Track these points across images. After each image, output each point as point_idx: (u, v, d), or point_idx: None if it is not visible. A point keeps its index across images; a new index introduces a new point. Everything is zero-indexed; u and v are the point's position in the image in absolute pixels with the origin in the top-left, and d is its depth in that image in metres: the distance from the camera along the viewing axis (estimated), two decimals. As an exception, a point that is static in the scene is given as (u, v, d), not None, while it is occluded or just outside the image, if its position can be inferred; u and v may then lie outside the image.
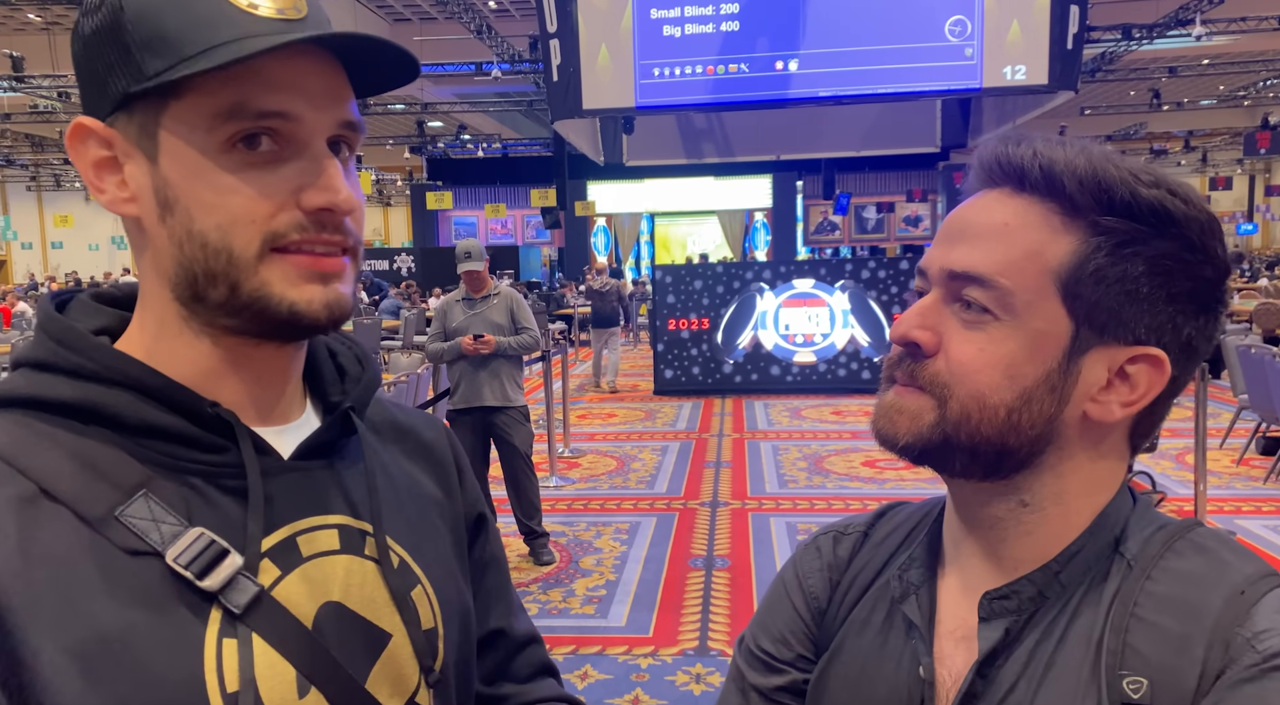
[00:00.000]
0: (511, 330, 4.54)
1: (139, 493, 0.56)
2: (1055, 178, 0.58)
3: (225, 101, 0.55)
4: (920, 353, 0.61)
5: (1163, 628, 0.56)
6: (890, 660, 0.66)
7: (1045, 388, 0.59)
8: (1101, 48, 12.98)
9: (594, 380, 10.25)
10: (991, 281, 0.59)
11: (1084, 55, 9.26)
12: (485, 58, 13.47)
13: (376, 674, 0.61)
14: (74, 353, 0.58)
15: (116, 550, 0.54)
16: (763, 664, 0.73)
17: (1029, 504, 0.62)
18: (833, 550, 0.75)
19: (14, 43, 13.63)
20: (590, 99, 8.23)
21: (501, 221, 24.00)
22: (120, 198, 0.58)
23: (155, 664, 0.53)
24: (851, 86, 8.06)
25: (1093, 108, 18.55)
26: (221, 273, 0.57)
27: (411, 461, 0.74)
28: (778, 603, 0.76)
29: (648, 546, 4.77)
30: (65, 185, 26.11)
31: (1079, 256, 0.58)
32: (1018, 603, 0.61)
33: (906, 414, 0.62)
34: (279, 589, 0.58)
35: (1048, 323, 0.58)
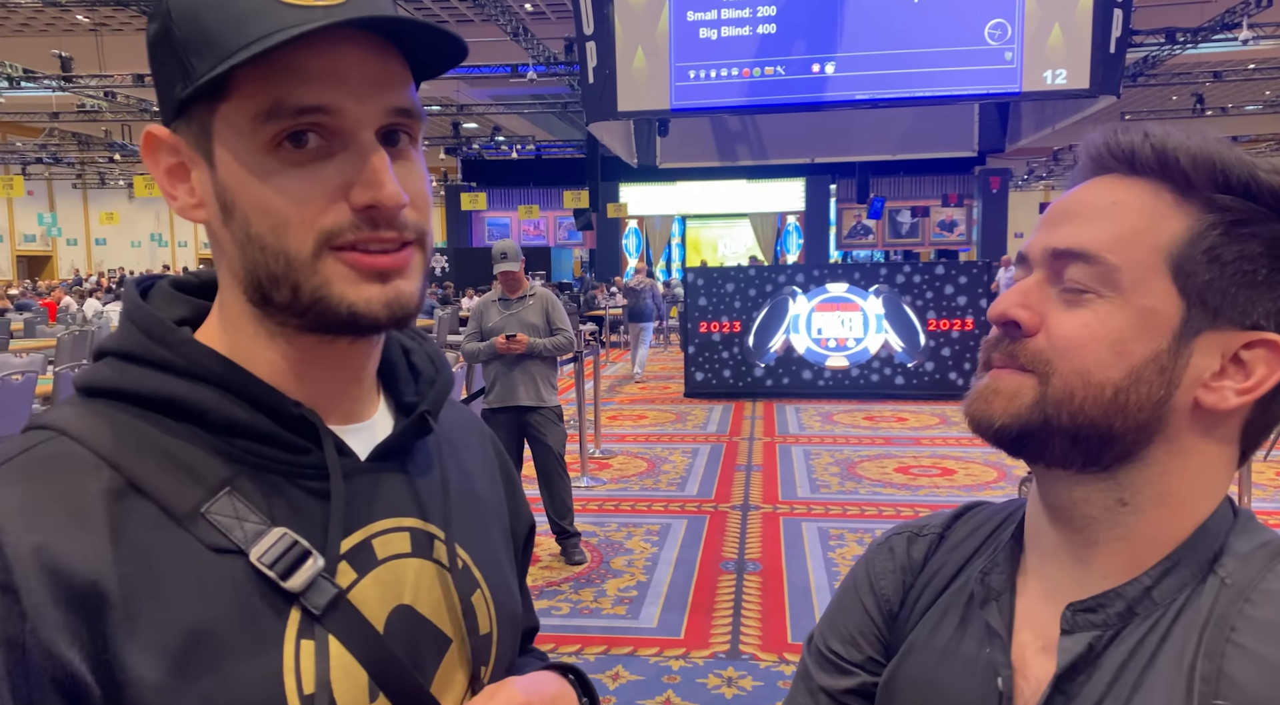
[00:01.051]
0: (546, 331, 4.56)
1: (223, 490, 0.56)
2: (1168, 156, 0.57)
3: (265, 101, 0.54)
4: (1020, 332, 0.59)
5: (1262, 656, 0.53)
6: (964, 667, 0.64)
7: (1154, 368, 0.56)
8: (1144, 52, 12.76)
9: (631, 368, 11.16)
10: (1097, 257, 0.57)
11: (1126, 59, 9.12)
12: (521, 60, 13.55)
13: (439, 678, 0.62)
14: (161, 346, 0.58)
15: (201, 547, 0.54)
16: (832, 665, 0.72)
17: (1128, 504, 0.58)
18: (907, 551, 0.73)
19: (63, 43, 13.95)
20: (625, 101, 8.25)
21: (534, 223, 24.11)
22: (189, 204, 0.59)
23: (238, 663, 0.53)
24: (889, 90, 8.00)
25: (1133, 113, 18.25)
26: (282, 275, 0.56)
27: (476, 463, 0.75)
28: (848, 603, 0.74)
29: (679, 548, 4.77)
30: (110, 183, 26.65)
31: (1192, 234, 0.56)
32: (1104, 617, 0.58)
33: (1003, 394, 0.59)
34: (355, 592, 0.59)
35: (1157, 301, 0.56)
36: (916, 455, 6.68)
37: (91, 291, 17.71)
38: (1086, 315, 0.57)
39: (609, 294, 17.47)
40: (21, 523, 0.51)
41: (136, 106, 15.67)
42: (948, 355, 8.99)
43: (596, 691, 0.75)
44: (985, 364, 0.62)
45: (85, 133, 19.75)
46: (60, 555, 0.51)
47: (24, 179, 17.11)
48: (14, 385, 5.17)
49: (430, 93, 17.38)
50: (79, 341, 8.35)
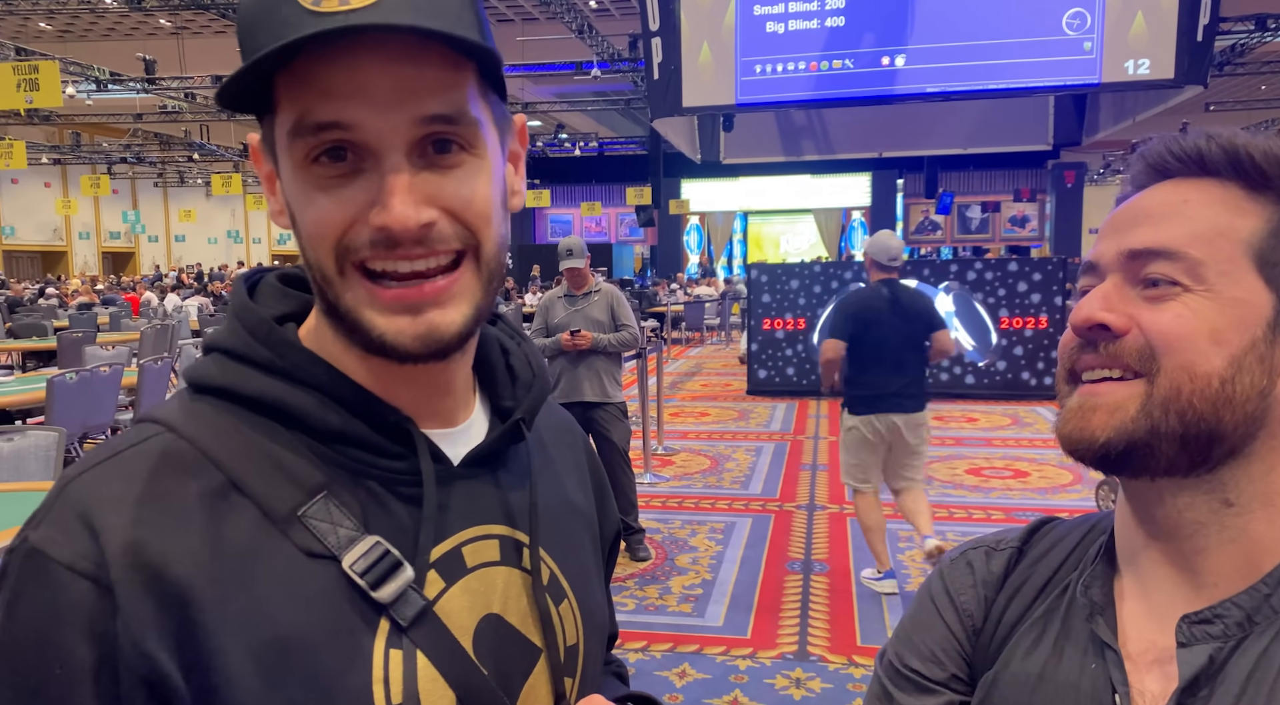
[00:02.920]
0: (611, 327, 4.57)
1: (320, 494, 0.56)
2: (1238, 155, 0.57)
3: (292, 116, 0.53)
4: (1109, 335, 0.57)
5: None
6: (1068, 683, 0.61)
7: (1254, 357, 0.55)
8: (1232, 39, 12.23)
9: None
10: (1181, 253, 0.56)
11: (1214, 48, 8.73)
12: (585, 57, 13.62)
13: (526, 690, 0.61)
14: (266, 347, 0.58)
15: (296, 551, 0.54)
16: (913, 684, 0.70)
17: (1234, 504, 0.57)
18: (986, 566, 0.71)
19: (146, 47, 14.49)
20: (690, 97, 8.21)
21: (596, 220, 24.24)
22: (276, 210, 0.59)
23: (329, 671, 0.53)
24: (961, 82, 7.80)
25: (1218, 103, 17.50)
26: (324, 288, 0.57)
27: (566, 468, 0.74)
28: (927, 619, 0.71)
29: (743, 547, 4.74)
30: (189, 181, 27.62)
31: (1272, 225, 0.56)
32: (1223, 628, 0.56)
33: (1103, 409, 0.57)
34: (443, 602, 0.58)
35: (1245, 292, 0.56)
36: (988, 456, 6.52)
37: (172, 287, 18.39)
38: (1177, 307, 0.56)
39: (670, 291, 17.47)
40: (122, 517, 0.51)
41: (215, 107, 16.20)
42: (1020, 354, 8.75)
43: None
44: (1071, 375, 0.60)
45: (166, 133, 20.49)
46: (158, 553, 0.50)
47: (109, 178, 17.84)
48: (102, 376, 5.38)
49: (495, 91, 17.53)
50: (160, 335, 8.66)
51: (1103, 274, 0.60)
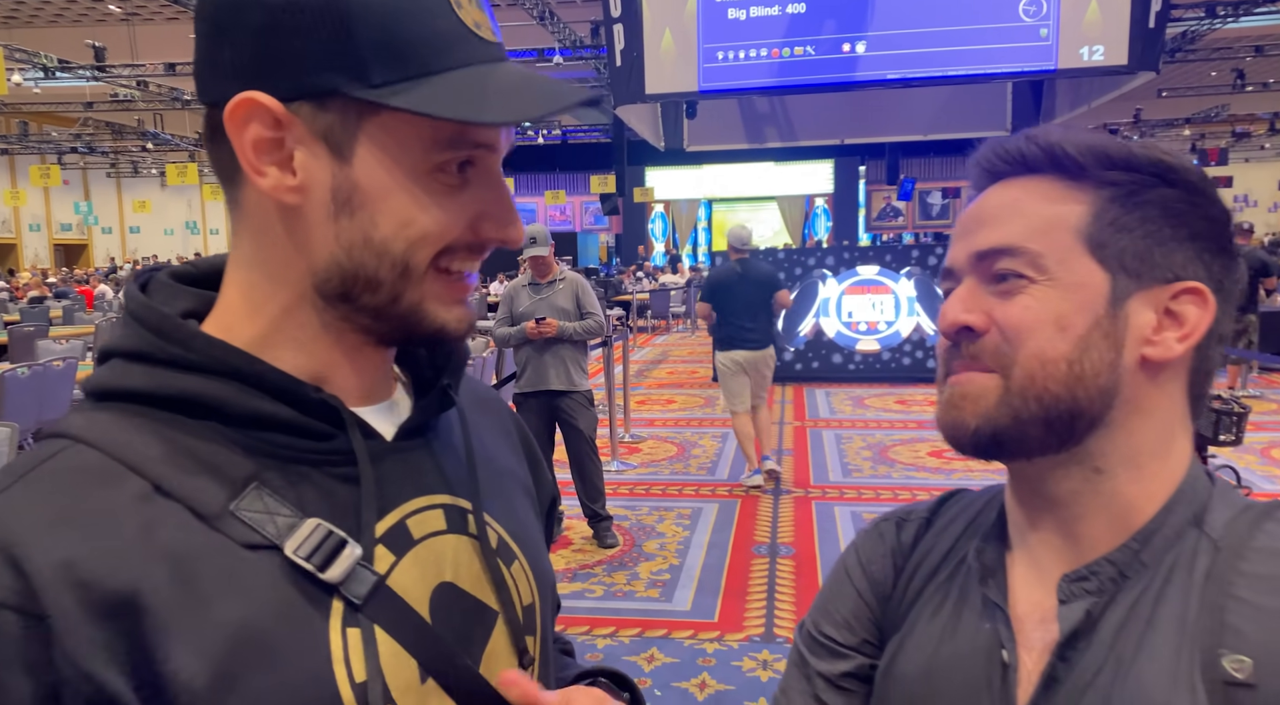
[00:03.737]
0: (577, 315, 4.56)
1: (250, 485, 0.55)
2: (1054, 151, 0.62)
3: (447, 130, 0.54)
4: (973, 334, 0.62)
5: (1263, 607, 0.56)
6: (965, 644, 0.66)
7: (1099, 334, 0.60)
8: (1183, 26, 12.46)
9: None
10: (1020, 248, 0.61)
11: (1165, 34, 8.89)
12: (547, 44, 13.52)
13: (489, 652, 0.62)
14: (171, 343, 0.56)
15: (235, 545, 0.53)
16: (826, 650, 0.74)
17: (1103, 470, 0.61)
18: (896, 536, 0.75)
19: (96, 33, 14.11)
20: (653, 84, 8.19)
21: (560, 208, 24.12)
22: (286, 185, 0.55)
23: (286, 659, 0.52)
24: (921, 69, 7.87)
25: (1171, 89, 17.83)
26: (389, 281, 0.56)
27: (496, 434, 0.74)
28: (840, 588, 0.76)
29: (710, 532, 4.77)
30: (143, 172, 27.00)
31: (1095, 210, 0.61)
32: (1098, 584, 0.61)
33: (969, 398, 0.62)
34: (394, 576, 0.58)
35: (1083, 275, 0.61)
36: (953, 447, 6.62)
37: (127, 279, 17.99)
38: (1025, 300, 0.61)
39: (636, 279, 17.46)
40: (45, 539, 0.49)
41: (168, 95, 15.83)
42: (980, 338, 8.88)
43: (636, 687, 0.76)
44: (947, 374, 0.65)
45: (119, 122, 20.00)
46: (90, 570, 0.49)
47: (60, 169, 17.39)
48: (55, 371, 5.26)
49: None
50: (115, 329, 8.48)
51: (959, 277, 0.65)
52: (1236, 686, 0.54)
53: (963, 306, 0.63)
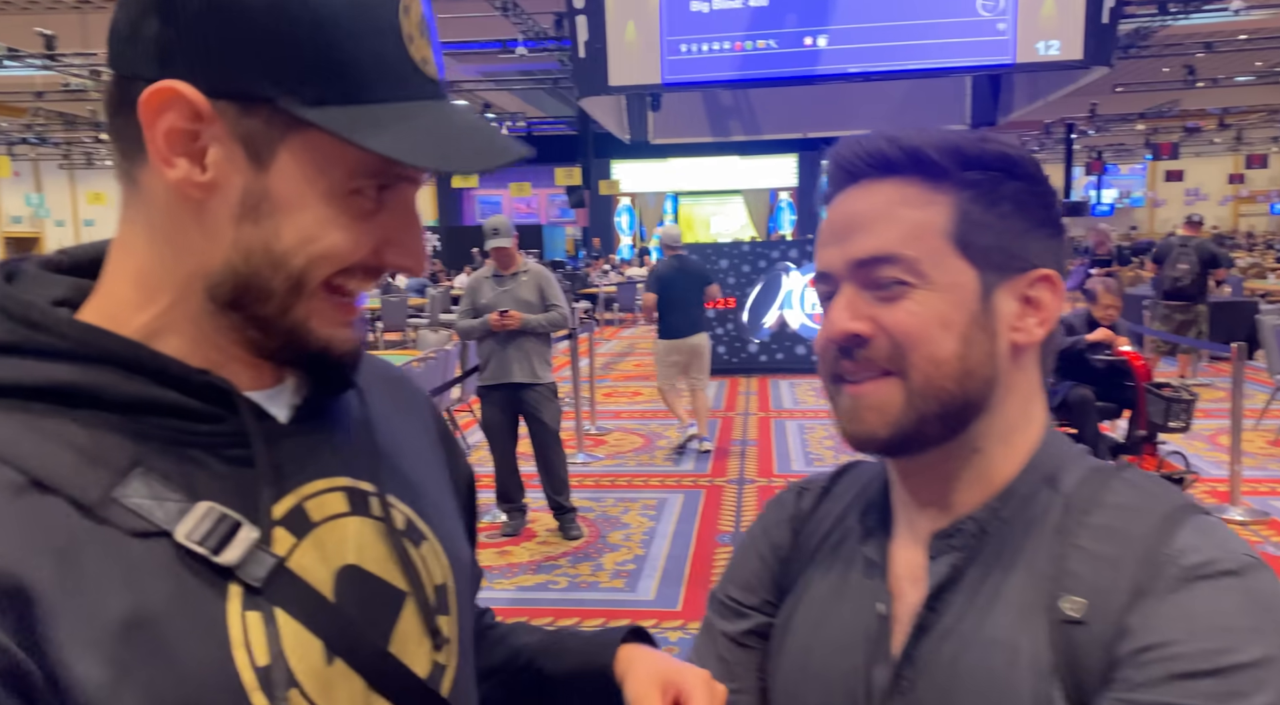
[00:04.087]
0: (540, 307, 4.56)
1: (134, 471, 0.53)
2: (914, 153, 0.65)
3: (374, 161, 0.53)
4: (863, 342, 0.65)
5: (1097, 553, 0.61)
6: (850, 600, 0.71)
7: (976, 328, 0.65)
8: (1136, 23, 12.69)
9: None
10: (899, 255, 0.64)
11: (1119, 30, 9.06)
12: (510, 35, 13.43)
13: (399, 632, 0.61)
14: (40, 332, 0.54)
15: (121, 534, 0.51)
16: (731, 611, 0.79)
17: (980, 449, 0.67)
18: (795, 503, 0.81)
19: (46, 22, 13.76)
20: (617, 76, 8.17)
21: (526, 201, 24.00)
22: (195, 181, 0.53)
23: (182, 646, 0.51)
24: (881, 63, 7.95)
25: (1125, 85, 18.17)
26: (280, 293, 0.55)
27: (404, 415, 0.73)
28: (744, 554, 0.81)
29: (675, 522, 4.81)
30: (97, 163, 26.40)
31: (958, 211, 0.65)
32: (963, 540, 0.67)
33: (874, 408, 0.65)
34: (294, 558, 0.57)
35: (956, 275, 0.65)
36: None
37: (81, 273, 17.56)
38: (909, 305, 0.64)
39: (603, 272, 17.45)
40: None
41: (122, 85, 15.48)
42: (941, 329, 9.01)
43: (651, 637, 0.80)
44: (835, 377, 0.68)
45: (71, 112, 19.52)
46: None
47: (9, 160, 16.94)
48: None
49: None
50: None
51: (837, 282, 0.67)
52: (1071, 625, 0.60)
53: (849, 314, 0.66)
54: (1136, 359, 4.93)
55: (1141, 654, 0.56)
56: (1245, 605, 0.56)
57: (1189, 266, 7.96)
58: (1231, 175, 30.89)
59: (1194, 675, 0.54)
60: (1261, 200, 34.58)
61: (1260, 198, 34.62)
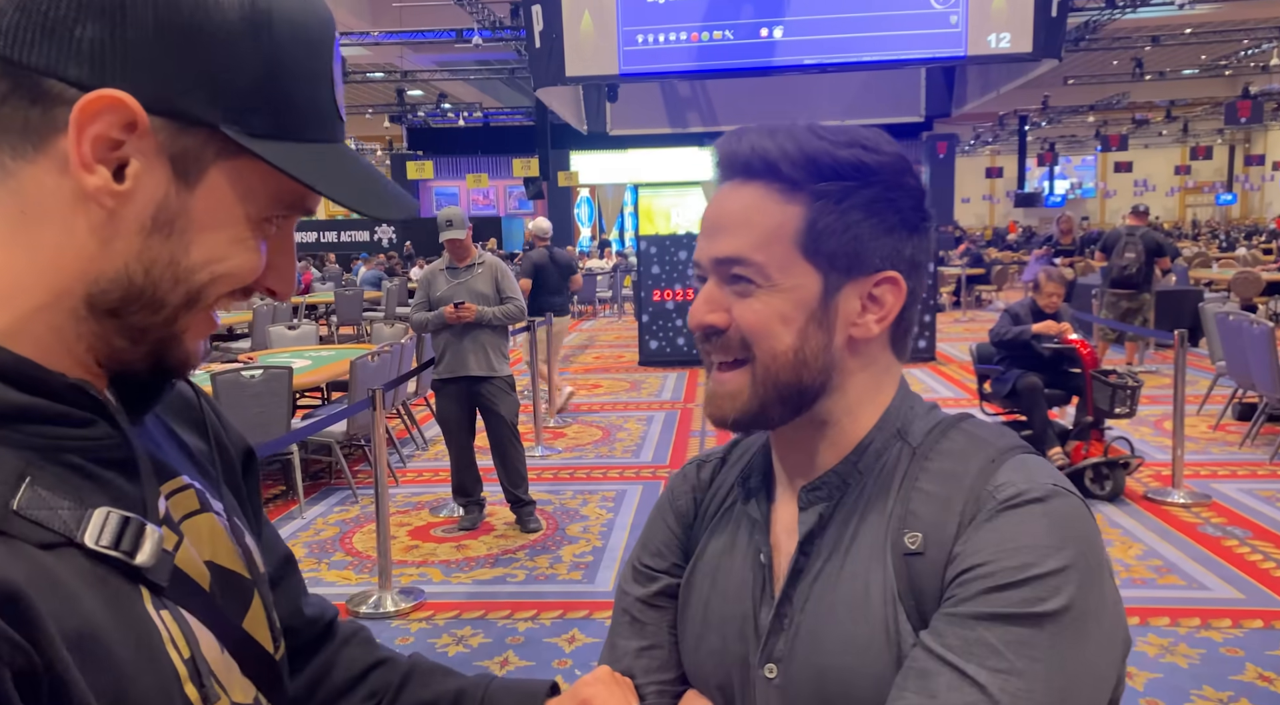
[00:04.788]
0: (496, 299, 4.52)
1: (24, 482, 0.51)
2: (772, 164, 0.71)
3: (295, 193, 0.58)
4: (718, 331, 0.73)
5: (933, 493, 0.70)
6: (740, 554, 0.80)
7: (814, 325, 0.72)
8: (1085, 16, 12.93)
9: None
10: (749, 259, 0.71)
11: (1068, 23, 9.23)
12: (466, 24, 13.28)
13: (251, 619, 0.65)
14: None
15: (30, 548, 0.50)
16: (643, 576, 0.86)
17: (829, 421, 0.75)
18: (696, 474, 0.89)
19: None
20: (573, 66, 8.14)
21: (484, 192, 23.81)
22: (111, 190, 0.52)
23: (123, 650, 0.52)
24: (836, 54, 8.00)
25: (1076, 77, 18.53)
26: (173, 306, 0.56)
27: (175, 418, 0.72)
28: (654, 524, 0.89)
29: (634, 513, 4.81)
30: None
31: (808, 220, 0.71)
32: (827, 491, 0.75)
33: (727, 396, 0.74)
34: (180, 555, 0.58)
35: (799, 278, 0.72)
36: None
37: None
38: (756, 303, 0.72)
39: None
40: None
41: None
42: (897, 319, 9.11)
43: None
44: (709, 365, 0.76)
45: None
46: None
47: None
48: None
49: (374, 59, 16.95)
50: None
51: (705, 271, 0.75)
52: (911, 557, 0.69)
53: (707, 308, 0.73)
54: (1084, 346, 5.03)
55: (963, 574, 0.66)
56: (1048, 526, 0.65)
57: (1135, 255, 8.14)
58: (1178, 166, 31.67)
59: (1004, 587, 0.63)
60: (1206, 191, 35.51)
61: (1205, 188, 35.54)
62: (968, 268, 14.18)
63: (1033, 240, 20.57)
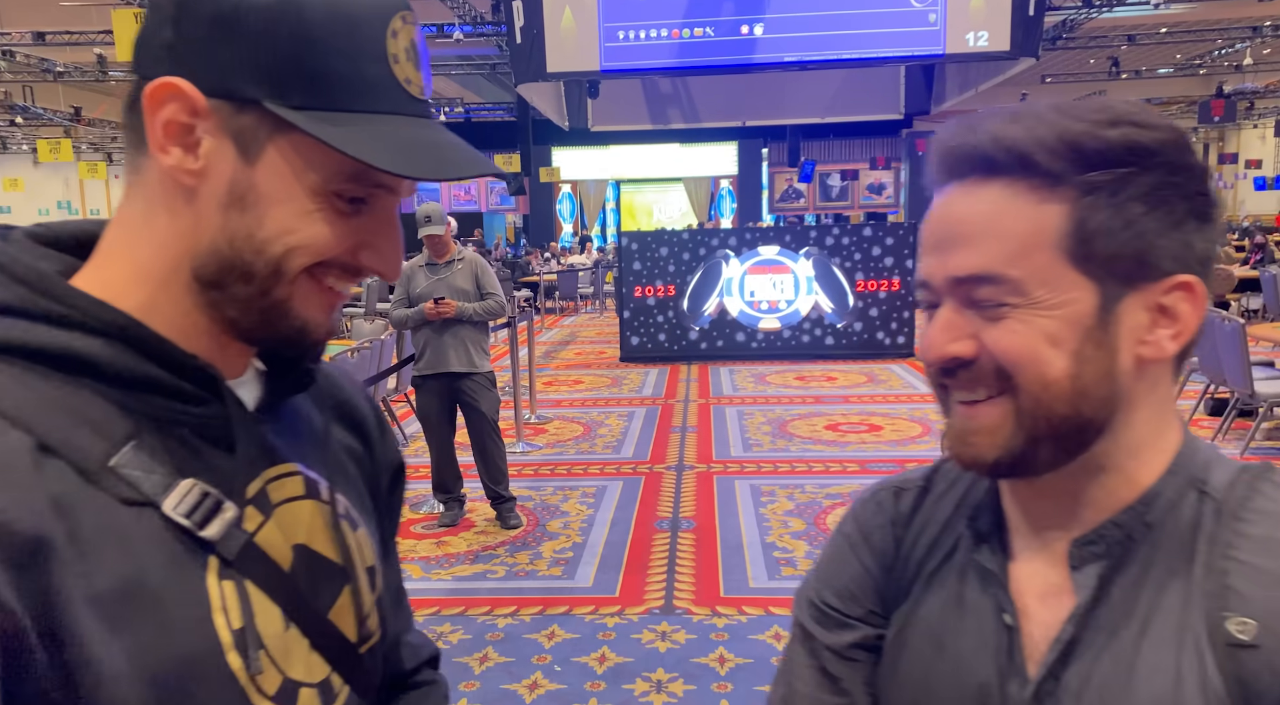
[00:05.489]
0: (476, 295, 4.52)
1: (129, 443, 0.57)
2: (1023, 156, 0.58)
3: (353, 164, 0.58)
4: (965, 362, 0.60)
5: (1264, 568, 0.56)
6: (972, 613, 0.66)
7: (1092, 345, 0.58)
8: (1063, 15, 13.04)
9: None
10: (1001, 275, 0.58)
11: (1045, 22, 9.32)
12: (447, 19, 13.21)
13: (339, 607, 0.68)
14: (47, 298, 0.57)
15: (113, 501, 0.56)
16: (832, 621, 0.73)
17: (1107, 467, 0.62)
18: (894, 505, 0.75)
19: (-47, -1, 13.08)
20: (554, 62, 8.13)
21: (465, 187, 23.70)
22: (186, 168, 0.59)
23: (169, 609, 0.56)
24: (816, 52, 8.04)
25: (1053, 76, 18.68)
26: (260, 278, 0.60)
27: (334, 416, 0.78)
28: (841, 558, 0.75)
29: (614, 509, 4.82)
30: (12, 148, 25.29)
31: (1075, 221, 0.58)
32: (1106, 547, 0.61)
33: (984, 431, 0.61)
34: (261, 534, 0.63)
35: (1069, 291, 0.58)
36: (845, 413, 6.84)
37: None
38: (1014, 326, 0.59)
39: (544, 260, 17.35)
40: None
41: (38, 66, 14.84)
42: (875, 315, 9.18)
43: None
44: (942, 387, 0.63)
45: (-18, 95, 18.62)
46: (3, 514, 0.51)
47: (-84, 144, 16.08)
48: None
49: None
50: None
51: (937, 293, 0.62)
52: (1241, 648, 0.55)
53: (948, 336, 0.60)
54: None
55: None
56: None
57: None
58: (1153, 165, 31.91)
59: None
60: (1181, 189, 35.81)
61: (1180, 186, 35.83)
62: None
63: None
